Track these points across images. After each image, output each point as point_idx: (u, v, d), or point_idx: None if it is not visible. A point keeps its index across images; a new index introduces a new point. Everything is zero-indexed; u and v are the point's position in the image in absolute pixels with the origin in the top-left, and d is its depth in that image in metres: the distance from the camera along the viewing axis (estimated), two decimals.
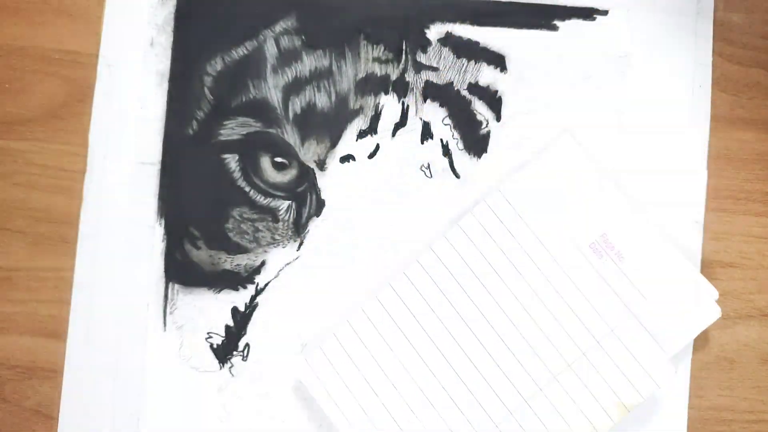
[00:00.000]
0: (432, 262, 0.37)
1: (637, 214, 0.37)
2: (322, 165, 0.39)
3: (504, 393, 0.36)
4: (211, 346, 0.39)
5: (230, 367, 0.38)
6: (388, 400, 0.36)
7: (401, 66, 0.39)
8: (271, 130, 0.39)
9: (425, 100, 0.39)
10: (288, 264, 0.39)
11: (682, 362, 0.38)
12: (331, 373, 0.37)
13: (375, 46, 0.39)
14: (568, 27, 0.40)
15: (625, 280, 0.36)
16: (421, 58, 0.39)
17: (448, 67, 0.39)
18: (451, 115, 0.39)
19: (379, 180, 0.39)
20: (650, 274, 0.37)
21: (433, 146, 0.39)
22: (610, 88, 0.39)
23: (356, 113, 0.39)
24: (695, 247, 0.38)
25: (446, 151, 0.39)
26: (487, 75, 0.39)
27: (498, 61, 0.39)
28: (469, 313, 0.37)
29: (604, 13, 0.40)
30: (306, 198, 0.39)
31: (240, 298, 0.39)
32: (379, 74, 0.39)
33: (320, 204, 0.39)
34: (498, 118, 0.39)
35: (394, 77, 0.39)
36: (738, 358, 0.39)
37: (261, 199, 0.39)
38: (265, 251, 0.39)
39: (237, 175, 0.39)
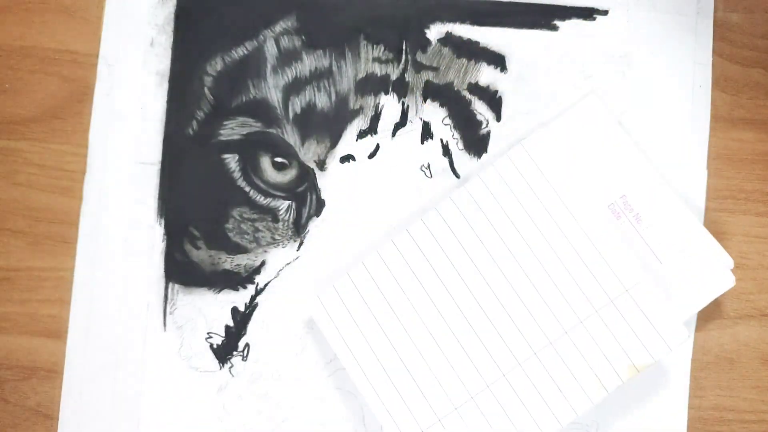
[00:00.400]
0: (451, 211, 0.37)
1: (658, 178, 0.37)
2: (322, 165, 0.39)
3: (513, 343, 0.36)
4: (211, 346, 0.39)
5: (230, 367, 0.38)
6: (398, 342, 0.36)
7: (401, 66, 0.39)
8: (271, 130, 0.39)
9: (425, 100, 0.39)
10: (288, 264, 0.39)
11: (682, 362, 0.38)
12: (343, 312, 0.37)
13: (375, 46, 0.39)
14: (568, 27, 0.40)
15: (642, 242, 0.37)
16: (421, 58, 0.39)
17: (448, 67, 0.39)
18: (451, 115, 0.39)
19: (379, 180, 0.39)
20: (667, 238, 0.37)
21: (433, 146, 0.39)
22: (610, 88, 0.39)
23: (356, 113, 0.39)
24: None
25: (446, 151, 0.39)
26: (487, 75, 0.39)
27: (498, 61, 0.39)
28: (484, 263, 0.37)
29: (604, 13, 0.40)
30: (306, 198, 0.39)
31: (240, 298, 0.39)
32: (379, 74, 0.39)
33: (320, 204, 0.39)
34: (498, 118, 0.39)
35: (394, 77, 0.39)
36: (738, 358, 0.39)
37: (261, 199, 0.39)
38: (265, 251, 0.39)
39: (237, 175, 0.39)
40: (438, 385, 0.36)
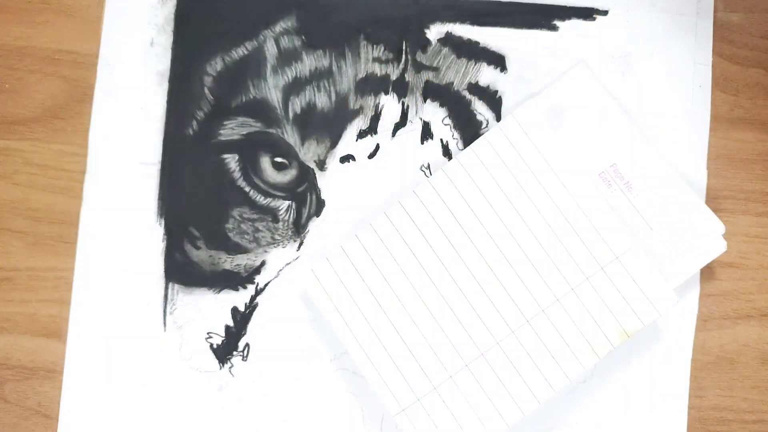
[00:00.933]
0: (443, 183, 0.37)
1: (648, 146, 0.37)
2: (322, 165, 0.39)
3: (506, 311, 0.36)
4: (211, 346, 0.39)
5: (230, 367, 0.38)
6: (392, 313, 0.37)
7: (401, 66, 0.39)
8: (271, 130, 0.39)
9: (425, 100, 0.39)
10: (288, 264, 0.39)
11: (682, 362, 0.38)
12: (337, 284, 0.37)
13: (375, 46, 0.39)
14: (568, 27, 0.40)
15: (633, 210, 0.37)
16: (421, 58, 0.39)
17: (448, 67, 0.39)
18: (451, 115, 0.39)
19: (379, 180, 0.39)
20: (658, 206, 0.37)
21: (433, 146, 0.39)
22: (610, 88, 0.39)
23: (356, 113, 0.39)
24: None
25: (446, 151, 0.39)
26: (487, 75, 0.39)
27: (498, 61, 0.39)
28: (476, 233, 0.37)
29: (604, 13, 0.40)
30: (306, 198, 0.39)
31: (240, 298, 0.39)
32: (379, 74, 0.39)
33: (320, 204, 0.39)
34: (498, 118, 0.39)
35: (394, 77, 0.39)
36: (738, 358, 0.39)
37: (261, 199, 0.39)
38: (265, 251, 0.39)
39: (237, 175, 0.39)
40: (432, 354, 0.36)
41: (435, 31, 0.40)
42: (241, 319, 0.39)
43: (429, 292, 0.37)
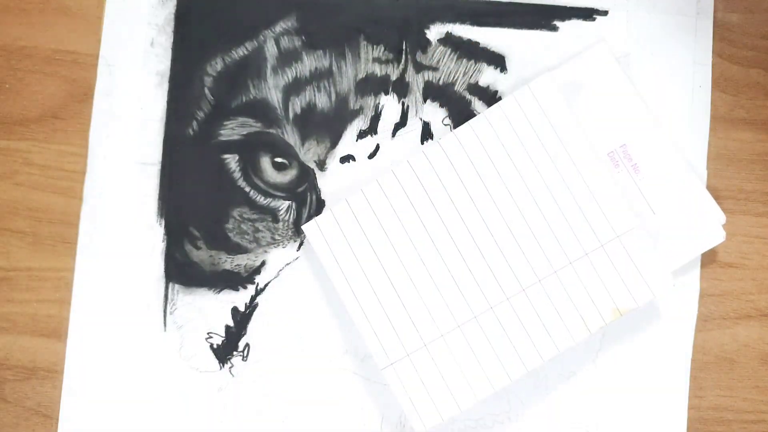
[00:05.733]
0: (453, 146, 0.37)
1: (660, 130, 0.38)
2: (322, 165, 0.39)
3: (503, 278, 0.37)
4: (211, 346, 0.39)
5: (230, 368, 0.38)
6: (391, 269, 0.37)
7: (401, 66, 0.39)
8: (271, 131, 0.39)
9: (425, 101, 0.39)
10: (288, 264, 0.39)
11: (682, 362, 0.38)
12: (338, 235, 0.37)
13: (375, 46, 0.40)
14: (568, 27, 0.40)
15: (637, 191, 0.37)
16: (421, 58, 0.39)
17: (448, 67, 0.39)
18: (451, 116, 0.39)
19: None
20: (662, 190, 0.37)
21: None
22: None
23: (356, 113, 0.39)
24: None
25: None
26: (487, 75, 0.39)
27: (498, 61, 0.39)
28: (482, 198, 0.37)
29: (604, 13, 0.40)
30: (306, 198, 0.39)
31: (240, 298, 0.39)
32: (379, 74, 0.39)
33: (320, 204, 0.39)
34: None
35: (394, 77, 0.39)
36: (738, 358, 0.39)
37: (261, 199, 0.39)
38: (265, 251, 0.39)
39: (237, 175, 0.39)
40: (426, 311, 0.37)
41: (435, 32, 0.40)
42: (242, 319, 0.39)
43: (429, 251, 0.37)
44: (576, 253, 0.37)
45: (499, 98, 0.39)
